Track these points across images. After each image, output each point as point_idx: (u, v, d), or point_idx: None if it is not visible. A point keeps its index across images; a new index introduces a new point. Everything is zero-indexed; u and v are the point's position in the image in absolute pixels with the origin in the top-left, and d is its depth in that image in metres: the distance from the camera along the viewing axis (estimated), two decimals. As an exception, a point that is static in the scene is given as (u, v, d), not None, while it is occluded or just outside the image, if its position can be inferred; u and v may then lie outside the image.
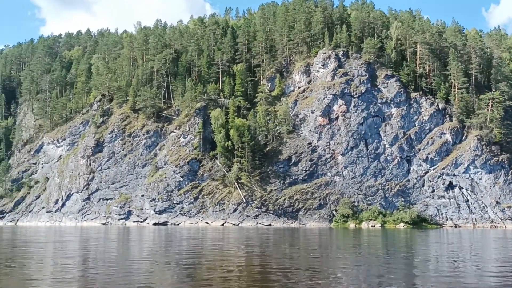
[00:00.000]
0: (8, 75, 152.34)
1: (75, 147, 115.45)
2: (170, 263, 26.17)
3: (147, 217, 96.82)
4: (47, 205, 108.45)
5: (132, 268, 23.31)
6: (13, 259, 27.61)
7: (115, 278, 19.55)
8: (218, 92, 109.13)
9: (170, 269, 23.31)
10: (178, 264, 25.54)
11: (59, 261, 26.93)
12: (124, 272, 21.78)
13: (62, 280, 19.10)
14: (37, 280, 19.39)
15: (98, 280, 19.43)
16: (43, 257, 29.39)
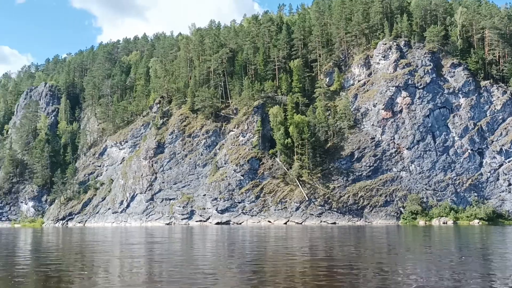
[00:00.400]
0: (71, 82, 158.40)
1: (137, 149, 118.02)
2: (234, 263, 25.03)
3: (210, 216, 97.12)
4: (112, 206, 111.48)
5: (197, 269, 22.38)
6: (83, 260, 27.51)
7: (179, 279, 18.79)
8: (276, 89, 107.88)
9: (234, 269, 22.26)
10: (242, 264, 24.34)
11: (126, 261, 26.49)
12: (189, 272, 20.93)
13: (129, 279, 18.69)
14: (104, 281, 18.83)
15: (163, 282, 18.70)
16: (110, 258, 29.16)
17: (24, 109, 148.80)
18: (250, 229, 72.80)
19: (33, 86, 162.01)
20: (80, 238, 54.55)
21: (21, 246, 42.79)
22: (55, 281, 18.63)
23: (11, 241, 51.58)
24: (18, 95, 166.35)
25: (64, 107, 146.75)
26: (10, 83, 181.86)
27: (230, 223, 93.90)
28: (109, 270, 22.03)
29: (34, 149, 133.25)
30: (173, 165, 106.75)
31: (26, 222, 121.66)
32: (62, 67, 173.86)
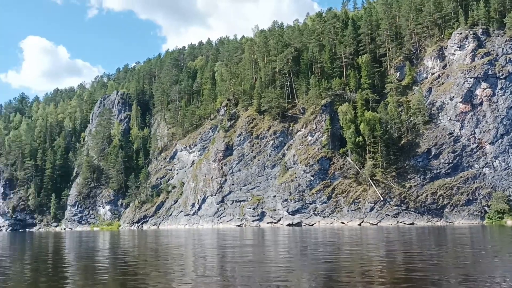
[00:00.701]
0: (141, 89, 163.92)
1: (206, 152, 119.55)
2: (308, 267, 23.41)
3: (281, 218, 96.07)
4: (184, 209, 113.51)
5: (269, 272, 21.13)
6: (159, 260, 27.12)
7: (252, 282, 17.81)
8: (344, 87, 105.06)
9: (307, 274, 20.73)
10: (316, 268, 22.69)
11: (199, 262, 25.78)
12: (261, 276, 19.83)
13: (202, 280, 18.13)
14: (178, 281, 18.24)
15: (236, 285, 17.70)
16: (184, 259, 28.72)
17: (98, 117, 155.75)
18: (323, 230, 70.81)
19: (106, 95, 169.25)
20: (155, 240, 55.28)
21: (101, 247, 43.96)
22: (133, 279, 18.97)
23: (92, 242, 53.18)
24: (92, 104, 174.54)
25: (135, 113, 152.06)
26: (85, 93, 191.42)
27: (302, 225, 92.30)
28: (183, 271, 21.63)
29: (109, 155, 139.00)
30: (242, 167, 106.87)
31: (104, 225, 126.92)
32: (132, 75, 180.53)
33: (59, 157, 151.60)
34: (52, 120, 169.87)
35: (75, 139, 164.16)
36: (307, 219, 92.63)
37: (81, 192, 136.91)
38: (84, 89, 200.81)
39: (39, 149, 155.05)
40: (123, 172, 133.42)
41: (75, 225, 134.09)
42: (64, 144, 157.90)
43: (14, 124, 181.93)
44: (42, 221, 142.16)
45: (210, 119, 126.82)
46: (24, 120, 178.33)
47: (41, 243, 56.05)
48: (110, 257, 31.94)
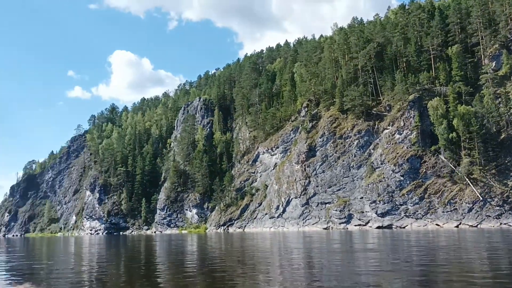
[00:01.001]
0: (222, 94, 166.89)
1: (288, 154, 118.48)
2: (401, 271, 20.82)
3: (369, 220, 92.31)
4: (269, 212, 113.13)
5: (359, 276, 19.12)
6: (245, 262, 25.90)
7: None
8: (432, 80, 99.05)
9: (401, 277, 18.54)
10: (410, 273, 20.04)
11: (285, 266, 24.21)
12: (350, 281, 18.03)
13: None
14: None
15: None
16: (270, 262, 27.32)
17: (182, 123, 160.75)
18: (416, 233, 66.43)
19: (189, 102, 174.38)
20: (241, 243, 54.82)
21: (189, 250, 44.04)
22: (220, 280, 19.06)
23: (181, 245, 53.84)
24: (176, 111, 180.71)
25: (217, 118, 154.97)
26: (169, 101, 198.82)
27: (393, 227, 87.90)
28: (269, 275, 20.52)
29: (194, 159, 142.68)
30: (326, 168, 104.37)
31: (191, 228, 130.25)
32: (213, 81, 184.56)
33: (148, 163, 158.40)
34: (140, 128, 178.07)
35: (162, 145, 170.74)
36: (398, 221, 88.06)
37: (169, 196, 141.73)
38: (168, 97, 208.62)
39: (130, 156, 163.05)
40: (208, 176, 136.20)
41: (164, 228, 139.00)
42: (152, 151, 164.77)
43: (106, 133, 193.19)
44: (134, 224, 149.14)
45: (291, 121, 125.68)
46: (115, 129, 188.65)
47: (134, 246, 57.54)
48: (198, 259, 31.90)
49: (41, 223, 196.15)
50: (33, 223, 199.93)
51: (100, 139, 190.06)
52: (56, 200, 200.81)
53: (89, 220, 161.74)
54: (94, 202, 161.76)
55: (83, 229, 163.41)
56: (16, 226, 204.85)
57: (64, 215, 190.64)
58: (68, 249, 54.58)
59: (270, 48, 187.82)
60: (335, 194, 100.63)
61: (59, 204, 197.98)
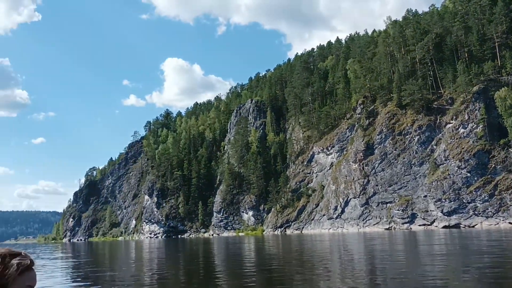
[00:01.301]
0: (274, 95, 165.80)
1: (345, 153, 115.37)
2: (473, 281, 17.78)
3: (434, 219, 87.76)
4: (327, 212, 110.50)
5: (425, 282, 16.65)
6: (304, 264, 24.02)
7: None
8: (498, 70, 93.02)
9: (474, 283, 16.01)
10: (483, 277, 17.22)
11: (347, 270, 22.17)
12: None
13: None
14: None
15: None
16: (330, 264, 25.34)
17: (235, 126, 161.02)
18: (487, 233, 61.92)
19: (241, 104, 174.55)
20: (299, 245, 53.02)
21: (247, 252, 43.21)
22: (278, 283, 18.46)
23: (238, 248, 52.84)
24: (229, 114, 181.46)
25: (270, 119, 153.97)
26: (221, 104, 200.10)
27: (460, 226, 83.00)
28: (329, 279, 19.17)
29: (248, 161, 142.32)
30: (386, 166, 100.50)
31: (248, 231, 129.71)
32: (264, 83, 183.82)
33: (203, 166, 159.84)
34: (194, 132, 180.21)
35: (216, 148, 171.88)
36: (466, 220, 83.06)
37: (225, 198, 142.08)
38: (220, 101, 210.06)
39: (185, 160, 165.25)
40: (262, 177, 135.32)
41: (221, 231, 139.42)
42: (207, 154, 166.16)
43: (162, 139, 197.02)
44: (191, 227, 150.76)
45: (346, 119, 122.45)
46: (170, 134, 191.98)
47: (192, 249, 57.37)
48: (256, 262, 30.97)
49: (103, 227, 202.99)
50: (96, 227, 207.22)
51: (156, 145, 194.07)
52: (117, 205, 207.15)
53: (148, 224, 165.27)
54: (153, 206, 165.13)
55: (143, 232, 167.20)
56: (80, 231, 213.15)
57: (124, 219, 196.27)
58: (129, 253, 55.19)
59: (321, 46, 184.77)
60: (396, 193, 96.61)
61: (119, 209, 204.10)
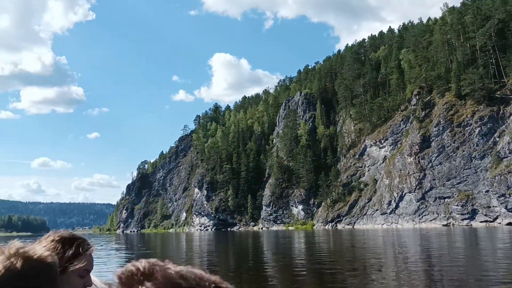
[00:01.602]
0: (323, 87, 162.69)
1: (399, 146, 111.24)
2: None
3: (497, 216, 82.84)
4: (380, 207, 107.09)
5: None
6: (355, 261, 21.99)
7: None
8: None
9: None
10: None
11: (402, 270, 20.04)
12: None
13: None
14: None
15: None
16: (383, 262, 23.42)
17: (284, 119, 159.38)
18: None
19: (290, 97, 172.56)
20: (351, 240, 50.88)
21: (297, 246, 42.32)
22: (329, 278, 17.88)
23: (288, 242, 51.50)
24: (278, 107, 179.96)
25: (320, 112, 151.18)
26: (269, 97, 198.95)
27: (528, 224, 77.83)
28: (383, 277, 17.80)
29: (297, 155, 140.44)
30: (443, 160, 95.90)
31: (298, 225, 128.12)
32: (313, 75, 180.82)
33: (252, 159, 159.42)
34: (243, 126, 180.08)
35: (264, 142, 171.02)
36: (534, 217, 77.82)
37: (274, 192, 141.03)
38: (268, 94, 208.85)
39: (234, 153, 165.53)
40: (312, 171, 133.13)
41: (271, 224, 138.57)
42: (255, 147, 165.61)
43: (211, 132, 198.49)
44: (241, 221, 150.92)
45: (401, 111, 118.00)
46: (219, 127, 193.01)
47: (242, 242, 56.90)
48: (306, 256, 29.98)
49: (154, 219, 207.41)
50: (148, 219, 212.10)
51: (205, 138, 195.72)
52: (168, 198, 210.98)
53: (198, 217, 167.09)
54: (202, 199, 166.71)
55: (193, 225, 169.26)
56: (133, 223, 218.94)
57: (175, 211, 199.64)
58: (180, 245, 54.93)
59: (373, 36, 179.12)
60: (455, 187, 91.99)
61: (170, 201, 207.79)
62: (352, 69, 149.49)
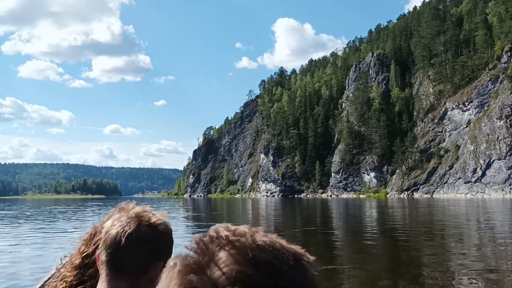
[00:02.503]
0: (398, 47, 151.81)
1: (486, 109, 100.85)
2: None
3: None
4: (463, 175, 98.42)
5: None
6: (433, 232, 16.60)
7: None
8: None
9: None
10: None
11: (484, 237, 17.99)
12: None
13: None
14: None
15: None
16: (465, 235, 19.75)
17: (355, 82, 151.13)
18: None
19: (360, 58, 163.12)
20: (429, 211, 45.10)
21: (369, 215, 39.04)
22: (404, 251, 15.68)
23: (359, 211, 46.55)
24: (347, 69, 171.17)
25: (394, 73, 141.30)
26: (338, 60, 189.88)
27: None
28: (464, 249, 15.30)
29: (369, 119, 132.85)
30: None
31: (370, 193, 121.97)
32: (386, 35, 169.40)
33: (320, 125, 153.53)
34: (310, 90, 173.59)
35: (333, 106, 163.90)
36: None
37: (344, 159, 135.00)
38: (336, 57, 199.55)
39: (301, 118, 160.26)
40: (386, 136, 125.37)
41: (340, 192, 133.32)
42: (323, 112, 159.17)
43: (276, 97, 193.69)
44: (308, 187, 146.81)
45: (488, 69, 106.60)
46: (285, 92, 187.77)
47: (309, 209, 54.23)
48: (379, 226, 26.91)
49: (221, 184, 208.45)
50: (214, 184, 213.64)
51: (271, 103, 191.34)
52: (233, 163, 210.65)
53: (265, 183, 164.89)
54: (269, 165, 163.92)
55: (259, 191, 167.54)
56: (200, 187, 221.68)
57: (241, 177, 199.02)
58: (246, 209, 54.53)
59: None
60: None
61: (236, 167, 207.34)
62: (431, 26, 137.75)
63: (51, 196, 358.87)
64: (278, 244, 0.69)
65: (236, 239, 0.67)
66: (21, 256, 14.44)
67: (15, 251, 15.65)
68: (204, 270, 0.64)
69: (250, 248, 0.66)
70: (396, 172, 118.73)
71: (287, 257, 0.67)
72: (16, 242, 18.44)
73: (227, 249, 0.66)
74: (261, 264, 0.64)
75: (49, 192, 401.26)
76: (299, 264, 0.68)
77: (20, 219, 36.34)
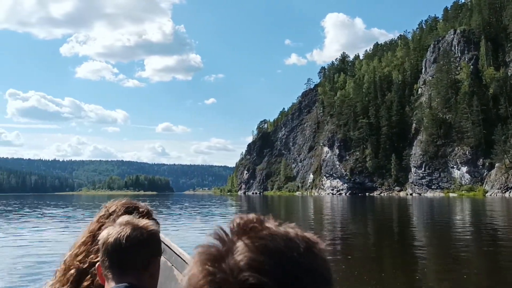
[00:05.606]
0: (487, 22, 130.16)
1: None
2: None
3: None
4: None
5: None
6: None
7: None
8: None
9: None
10: None
11: None
12: None
13: None
14: None
15: None
16: None
17: (435, 64, 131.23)
18: None
19: (439, 37, 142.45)
20: None
21: (473, 222, 29.53)
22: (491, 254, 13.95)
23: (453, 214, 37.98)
24: (422, 51, 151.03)
25: (485, 51, 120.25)
26: (410, 42, 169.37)
27: None
28: None
29: (458, 104, 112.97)
30: None
31: (462, 191, 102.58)
32: (469, 10, 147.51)
33: (395, 113, 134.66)
34: (380, 75, 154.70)
35: (408, 92, 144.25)
36: None
37: (427, 151, 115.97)
38: (406, 40, 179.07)
39: (371, 107, 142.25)
40: (480, 124, 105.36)
41: (423, 189, 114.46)
42: (397, 98, 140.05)
43: (339, 85, 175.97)
44: (382, 184, 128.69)
45: None
46: (349, 79, 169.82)
47: (384, 209, 47.44)
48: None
49: (278, 181, 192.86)
50: (271, 181, 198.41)
51: (332, 92, 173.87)
52: (291, 158, 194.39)
53: (329, 179, 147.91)
54: (334, 159, 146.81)
55: (323, 188, 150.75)
56: (255, 184, 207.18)
57: (300, 173, 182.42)
58: (307, 210, 49.50)
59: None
60: None
61: (294, 162, 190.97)
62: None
63: (104, 192, 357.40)
64: (292, 233, 0.72)
65: (250, 227, 0.71)
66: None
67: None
68: (224, 259, 0.68)
69: (263, 236, 0.70)
70: (496, 166, 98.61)
71: (298, 245, 0.70)
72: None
73: (243, 238, 0.69)
74: (272, 252, 0.68)
75: (102, 188, 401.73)
76: (310, 251, 0.71)
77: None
